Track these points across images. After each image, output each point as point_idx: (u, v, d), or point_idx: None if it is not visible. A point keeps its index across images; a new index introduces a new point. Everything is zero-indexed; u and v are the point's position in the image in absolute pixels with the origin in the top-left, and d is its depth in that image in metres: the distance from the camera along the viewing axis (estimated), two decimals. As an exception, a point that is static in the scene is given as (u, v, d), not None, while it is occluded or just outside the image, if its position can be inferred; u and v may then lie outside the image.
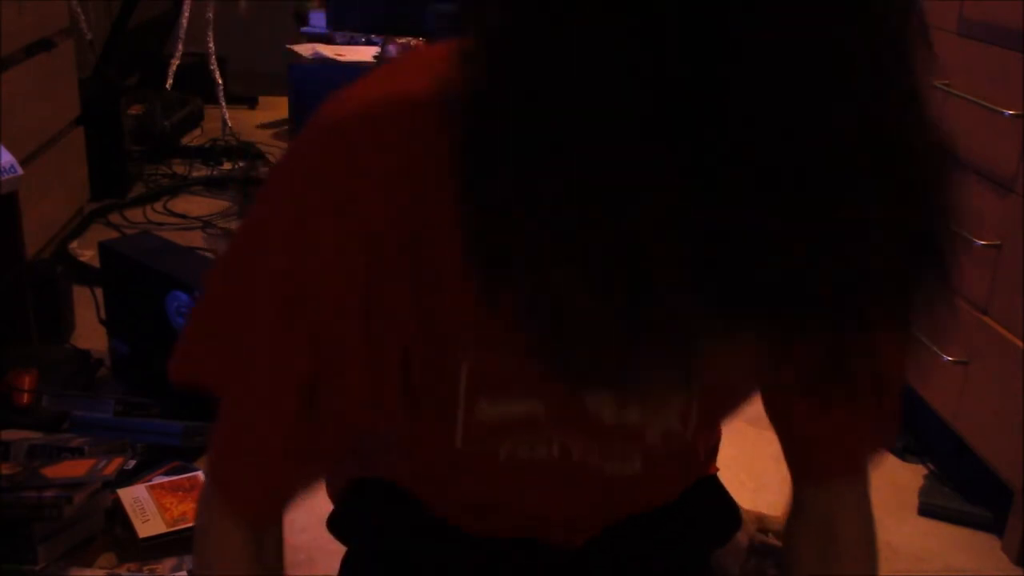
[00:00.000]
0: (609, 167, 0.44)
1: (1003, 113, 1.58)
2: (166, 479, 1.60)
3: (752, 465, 1.76)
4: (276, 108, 4.27)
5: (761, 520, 1.31)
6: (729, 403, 0.79)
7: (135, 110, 3.33)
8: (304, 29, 3.49)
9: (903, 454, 1.88)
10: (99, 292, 2.02)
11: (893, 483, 1.80)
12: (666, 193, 0.43)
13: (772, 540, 1.26)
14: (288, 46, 2.79)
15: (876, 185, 0.44)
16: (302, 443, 0.69)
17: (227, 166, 3.45)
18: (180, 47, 3.56)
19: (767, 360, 0.53)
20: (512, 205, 0.47)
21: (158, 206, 3.05)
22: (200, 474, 1.62)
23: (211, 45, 3.63)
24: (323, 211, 0.63)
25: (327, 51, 2.69)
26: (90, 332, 2.14)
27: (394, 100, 0.61)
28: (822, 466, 0.79)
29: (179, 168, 3.39)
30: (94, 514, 1.50)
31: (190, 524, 1.49)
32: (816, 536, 0.80)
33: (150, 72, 3.84)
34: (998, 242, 1.60)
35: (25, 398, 1.76)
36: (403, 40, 2.71)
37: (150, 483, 1.58)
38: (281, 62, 2.71)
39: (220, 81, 3.64)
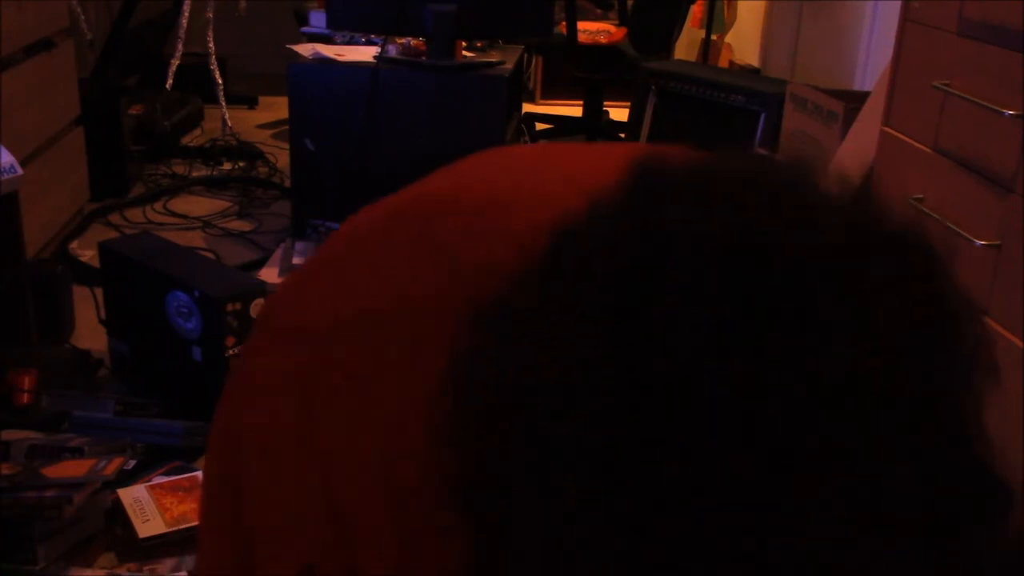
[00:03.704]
0: None
1: (1003, 113, 1.58)
2: (166, 479, 1.60)
3: None
4: (276, 108, 4.27)
5: None
6: None
7: (135, 110, 3.33)
8: (304, 29, 3.49)
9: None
10: (99, 292, 2.02)
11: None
12: None
13: None
14: (288, 46, 2.79)
15: None
16: None
17: (227, 166, 3.45)
18: (180, 47, 3.56)
19: None
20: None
21: (158, 206, 3.05)
22: (200, 474, 1.62)
23: (211, 45, 3.63)
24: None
25: (327, 51, 2.68)
26: (90, 332, 2.14)
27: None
28: None
29: (179, 168, 3.39)
30: (94, 514, 1.50)
31: (190, 524, 1.49)
32: None
33: (150, 72, 3.84)
34: (998, 242, 1.60)
35: (25, 398, 1.76)
36: (403, 40, 2.71)
37: (150, 483, 1.58)
38: (281, 62, 2.71)
39: (220, 81, 3.65)
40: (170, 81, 3.56)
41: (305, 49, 2.72)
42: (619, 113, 4.21)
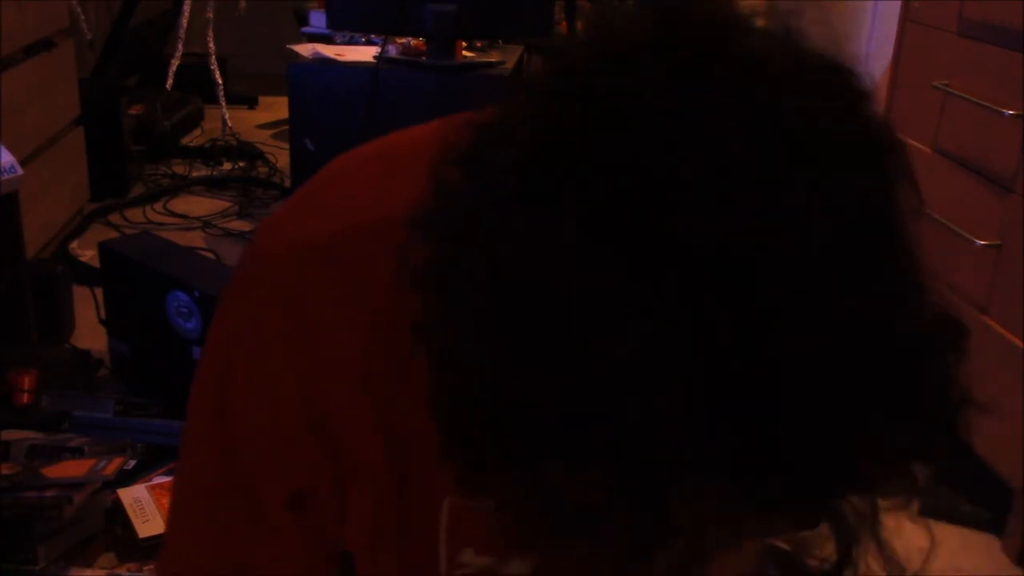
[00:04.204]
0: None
1: (1003, 113, 1.58)
2: (166, 479, 1.60)
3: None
4: (276, 108, 4.27)
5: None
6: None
7: (135, 110, 3.33)
8: (304, 29, 3.48)
9: (903, 454, 1.88)
10: (99, 292, 2.02)
11: (893, 483, 1.80)
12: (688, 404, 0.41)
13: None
14: (288, 46, 2.79)
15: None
16: None
17: (227, 166, 3.45)
18: (180, 47, 3.56)
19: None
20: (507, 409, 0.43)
21: (158, 206, 3.05)
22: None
23: (211, 45, 3.63)
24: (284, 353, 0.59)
25: (327, 51, 2.68)
26: (90, 332, 2.14)
27: (359, 229, 0.59)
28: None
29: (179, 168, 3.39)
30: (94, 514, 1.50)
31: (190, 524, 1.49)
32: None
33: (150, 72, 3.84)
34: (998, 242, 1.60)
35: (25, 398, 1.76)
36: (403, 40, 2.71)
37: (150, 483, 1.58)
38: (281, 62, 2.70)
39: (220, 81, 3.64)
40: (170, 81, 3.56)
41: (305, 49, 2.72)
42: (619, 113, 4.19)
